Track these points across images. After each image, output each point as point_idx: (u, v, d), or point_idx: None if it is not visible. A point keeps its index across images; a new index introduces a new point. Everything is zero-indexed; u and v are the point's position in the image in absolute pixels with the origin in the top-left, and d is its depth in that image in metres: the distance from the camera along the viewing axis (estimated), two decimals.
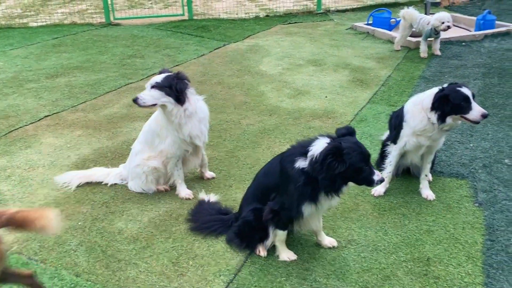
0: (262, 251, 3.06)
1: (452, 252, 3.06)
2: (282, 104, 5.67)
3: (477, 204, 3.54)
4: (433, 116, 3.33)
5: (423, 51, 7.27)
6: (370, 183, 2.66)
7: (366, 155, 2.63)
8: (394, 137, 3.71)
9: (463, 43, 7.91)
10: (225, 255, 3.08)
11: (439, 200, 3.64)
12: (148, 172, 3.70)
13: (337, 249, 3.13)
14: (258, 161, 4.22)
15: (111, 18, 10.25)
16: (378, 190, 3.73)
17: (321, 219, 3.12)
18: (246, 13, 10.98)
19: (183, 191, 3.76)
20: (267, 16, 10.81)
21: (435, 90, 3.41)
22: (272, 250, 3.09)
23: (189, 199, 3.72)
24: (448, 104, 3.25)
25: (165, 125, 3.59)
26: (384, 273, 2.89)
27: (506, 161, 4.13)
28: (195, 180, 4.04)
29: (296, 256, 3.03)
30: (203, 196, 3.64)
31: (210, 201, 3.58)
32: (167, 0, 12.96)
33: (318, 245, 3.16)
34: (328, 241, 3.15)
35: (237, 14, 10.92)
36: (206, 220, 3.34)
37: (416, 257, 3.02)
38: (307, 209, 2.77)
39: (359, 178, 2.65)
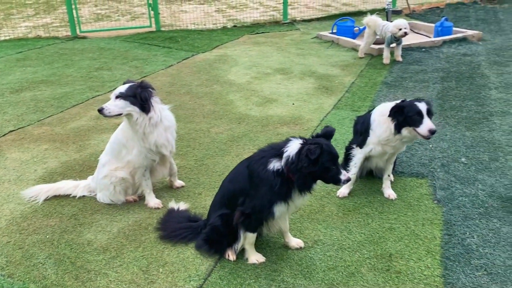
0: (231, 255, 3.12)
1: (413, 247, 3.20)
2: (251, 112, 5.77)
3: (436, 201, 3.72)
4: (391, 126, 3.48)
5: (386, 57, 7.54)
6: (337, 181, 2.80)
7: (335, 156, 2.79)
8: (360, 142, 3.83)
9: (423, 49, 8.25)
10: (194, 261, 3.13)
11: (401, 199, 3.80)
12: (116, 183, 3.72)
13: (304, 249, 3.22)
14: (227, 169, 4.29)
15: (77, 31, 10.17)
16: (343, 191, 3.86)
17: (288, 221, 3.21)
18: (214, 24, 11.10)
19: (152, 201, 3.79)
20: (234, 26, 10.96)
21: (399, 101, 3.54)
22: (241, 254, 3.16)
23: (158, 208, 3.75)
24: (402, 115, 3.39)
25: (131, 136, 3.62)
26: (348, 270, 3.00)
27: (463, 159, 4.34)
28: (165, 189, 4.08)
29: (264, 258, 3.11)
30: (173, 205, 3.68)
31: (180, 209, 3.62)
32: (134, 13, 12.95)
33: (286, 246, 3.25)
34: (295, 242, 3.24)
35: (205, 25, 11.03)
36: (175, 228, 3.38)
37: (379, 253, 3.15)
38: (279, 209, 2.88)
39: (328, 177, 2.79)
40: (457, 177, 4.04)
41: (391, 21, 8.83)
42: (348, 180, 2.83)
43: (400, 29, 7.10)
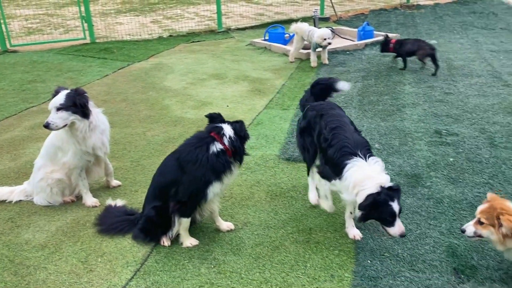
0: (166, 241, 3.37)
1: (330, 221, 3.60)
2: (187, 115, 6.03)
3: None
4: (357, 212, 3.01)
5: (313, 60, 8.08)
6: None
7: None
8: (326, 174, 3.34)
9: (348, 52, 8.90)
10: (132, 249, 3.34)
11: None
12: (52, 185, 3.84)
13: (234, 231, 3.53)
14: None
15: (7, 45, 9.95)
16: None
17: (217, 206, 3.51)
18: (149, 34, 11.26)
19: (89, 200, 3.94)
20: (170, 36, 11.18)
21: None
22: (176, 240, 3.41)
23: (95, 206, 3.91)
24: (375, 212, 2.92)
25: (66, 139, 3.77)
26: (274, 245, 3.34)
27: (376, 145, 4.85)
28: (102, 189, 4.24)
29: (197, 241, 3.38)
30: (110, 202, 3.86)
31: (117, 205, 3.81)
32: (67, 25, 12.81)
33: (218, 230, 3.54)
34: (226, 225, 3.54)
35: (140, 35, 11.16)
36: (113, 222, 3.57)
37: (301, 229, 3.52)
38: (213, 190, 3.19)
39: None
40: None
41: (319, 27, 9.49)
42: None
43: (325, 39, 7.67)
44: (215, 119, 3.41)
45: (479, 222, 2.73)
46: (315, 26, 9.70)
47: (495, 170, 4.23)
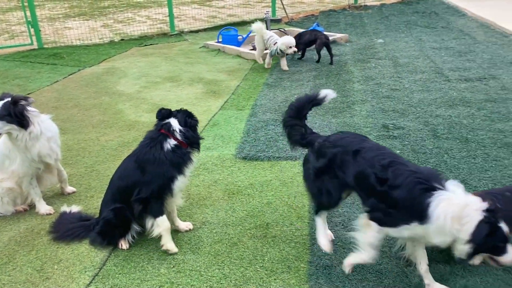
0: (124, 244, 3.37)
1: (286, 216, 3.72)
2: (141, 118, 6.00)
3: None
4: (464, 247, 2.48)
5: (268, 63, 8.18)
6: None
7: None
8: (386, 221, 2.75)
9: (299, 53, 9.11)
10: (89, 254, 3.31)
11: (277, 179, 4.33)
12: (2, 194, 3.74)
13: (193, 231, 3.58)
14: None
15: None
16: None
17: (175, 208, 3.54)
18: (100, 39, 11.04)
19: (43, 208, 3.86)
20: (122, 40, 11.01)
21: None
22: (134, 243, 3.42)
23: (50, 214, 3.84)
24: (490, 241, 2.46)
25: (12, 147, 3.67)
26: (232, 241, 3.42)
27: None
28: (56, 196, 4.16)
29: (177, 249, 3.31)
30: (65, 208, 3.79)
31: (72, 211, 3.75)
32: (12, 31, 12.32)
33: (176, 231, 3.58)
34: (184, 225, 3.58)
35: (91, 40, 10.92)
36: (68, 228, 3.53)
37: (258, 224, 3.62)
38: (177, 184, 3.24)
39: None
40: None
41: (271, 29, 9.67)
42: None
43: (290, 47, 7.72)
44: (164, 116, 3.42)
45: None
46: (267, 28, 9.89)
47: (438, 160, 4.51)
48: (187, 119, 3.40)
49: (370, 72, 7.60)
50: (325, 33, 8.79)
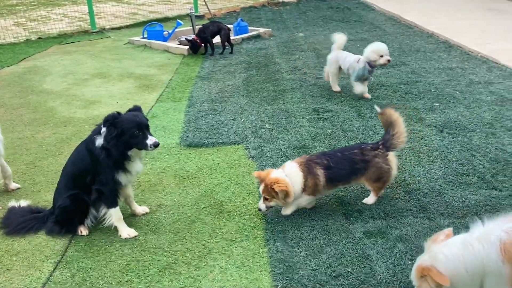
0: (83, 230, 3.41)
1: (238, 193, 3.98)
2: (75, 114, 5.89)
3: (250, 158, 4.60)
4: None
5: (363, 92, 6.15)
6: (144, 146, 3.20)
7: (139, 123, 3.19)
8: None
9: (227, 47, 9.37)
10: (48, 244, 3.31)
11: (224, 162, 4.57)
12: None
13: (150, 213, 3.70)
14: (62, 166, 4.44)
15: None
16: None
17: (132, 192, 3.64)
18: (15, 38, 10.42)
19: None
20: (40, 38, 10.49)
21: None
22: (94, 228, 3.47)
23: None
24: None
25: None
26: (190, 219, 3.60)
27: (267, 126, 5.37)
28: (1, 193, 4.04)
29: (137, 232, 3.42)
30: (13, 203, 3.71)
31: (21, 206, 3.69)
32: None
33: (134, 215, 3.68)
34: (141, 209, 3.69)
35: (4, 39, 10.27)
36: (20, 222, 3.48)
37: (213, 203, 3.84)
38: (122, 177, 3.28)
39: (136, 143, 3.19)
40: (264, 139, 5.02)
41: (196, 25, 9.81)
42: (155, 145, 3.17)
43: (382, 56, 5.74)
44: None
45: (265, 199, 3.44)
46: (192, 25, 10.02)
47: (364, 136, 5.03)
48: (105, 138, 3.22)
49: (296, 63, 8.08)
50: (297, 34, 8.84)
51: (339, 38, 6.50)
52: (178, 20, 10.37)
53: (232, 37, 9.97)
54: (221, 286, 2.88)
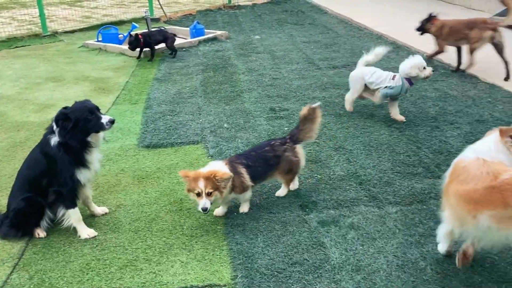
0: (40, 233, 3.38)
1: None
2: (29, 119, 5.76)
3: (209, 157, 4.68)
4: None
5: (396, 113, 5.44)
6: (101, 126, 3.30)
7: (90, 108, 3.31)
8: None
9: (184, 49, 9.41)
10: (4, 248, 3.26)
11: (183, 161, 4.63)
12: None
13: (110, 214, 3.72)
14: (16, 170, 4.35)
15: None
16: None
17: (91, 193, 3.65)
18: None
19: None
20: None
21: None
22: (52, 230, 3.45)
23: None
24: None
25: None
26: (150, 218, 3.65)
27: (225, 125, 5.48)
28: None
29: (96, 232, 3.43)
30: None
31: None
32: None
33: (93, 216, 3.68)
34: (100, 209, 3.70)
35: None
36: None
37: (172, 201, 3.90)
38: (82, 175, 3.30)
39: (91, 126, 3.28)
40: (223, 138, 5.12)
41: (152, 27, 9.77)
42: (111, 121, 3.29)
43: (425, 68, 5.11)
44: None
45: (208, 194, 3.30)
46: (148, 28, 9.97)
47: (319, 132, 5.21)
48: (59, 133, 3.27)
49: (252, 65, 8.23)
50: (254, 36, 9.07)
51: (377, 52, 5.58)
52: (133, 23, 10.29)
53: (189, 39, 10.04)
54: (182, 279, 2.96)
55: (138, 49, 8.52)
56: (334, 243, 3.23)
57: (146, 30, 8.90)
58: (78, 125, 3.22)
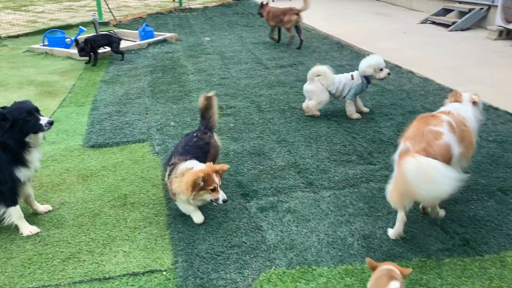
0: None
1: (142, 186, 4.15)
2: None
3: (155, 154, 4.79)
4: None
5: (354, 112, 5.59)
6: (39, 127, 3.36)
7: (28, 109, 3.35)
8: None
9: (133, 52, 9.42)
10: None
11: (129, 159, 4.70)
12: None
13: (53, 211, 3.75)
14: None
15: None
16: None
17: (32, 191, 3.67)
18: None
19: None
20: None
21: None
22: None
23: None
24: None
25: None
26: (94, 213, 3.72)
27: (172, 123, 5.59)
28: None
29: (39, 229, 3.46)
30: None
31: None
32: None
33: (36, 214, 3.70)
34: (43, 207, 3.73)
35: None
36: None
37: (117, 196, 3.98)
38: (22, 173, 3.32)
39: (29, 127, 3.32)
40: (169, 136, 5.23)
41: (100, 31, 9.71)
42: (50, 122, 3.37)
43: (381, 69, 5.32)
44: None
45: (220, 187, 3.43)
46: (96, 31, 9.90)
47: (263, 127, 5.45)
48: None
49: (202, 65, 8.37)
50: (204, 38, 9.15)
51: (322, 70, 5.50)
52: (80, 27, 10.18)
53: (138, 42, 10.05)
54: (124, 267, 3.06)
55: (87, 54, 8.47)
56: (271, 226, 3.43)
57: (91, 35, 8.83)
58: (16, 125, 3.26)
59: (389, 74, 5.44)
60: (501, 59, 8.10)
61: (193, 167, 3.42)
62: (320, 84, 5.57)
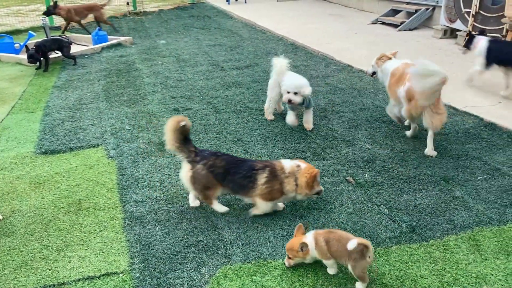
0: None
1: (96, 191, 4.10)
2: None
3: (110, 158, 4.73)
4: None
5: (292, 121, 5.34)
6: None
7: None
8: None
9: (86, 56, 9.23)
10: None
11: (83, 164, 4.63)
12: None
13: (3, 220, 3.65)
14: None
15: None
16: None
17: None
18: None
19: None
20: None
21: None
22: None
23: None
24: None
25: None
26: (47, 220, 3.65)
27: (127, 127, 5.54)
28: None
29: None
30: None
31: None
32: None
33: None
34: None
35: None
36: None
37: (71, 202, 3.91)
38: None
39: None
40: (124, 139, 5.19)
41: (51, 36, 9.45)
42: None
43: (296, 93, 5.03)
44: None
45: None
46: (46, 36, 9.63)
47: (220, 128, 5.50)
48: None
49: (157, 68, 8.32)
50: (159, 41, 9.03)
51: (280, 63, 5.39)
52: (30, 31, 9.87)
53: (92, 46, 9.85)
54: (79, 272, 3.03)
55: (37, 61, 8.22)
56: (228, 224, 3.49)
57: (41, 40, 8.58)
58: None
59: (290, 101, 5.08)
60: (446, 56, 8.52)
61: (300, 165, 3.54)
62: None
